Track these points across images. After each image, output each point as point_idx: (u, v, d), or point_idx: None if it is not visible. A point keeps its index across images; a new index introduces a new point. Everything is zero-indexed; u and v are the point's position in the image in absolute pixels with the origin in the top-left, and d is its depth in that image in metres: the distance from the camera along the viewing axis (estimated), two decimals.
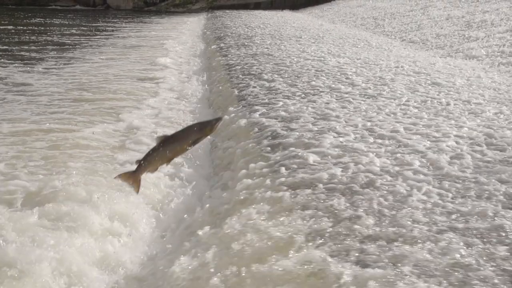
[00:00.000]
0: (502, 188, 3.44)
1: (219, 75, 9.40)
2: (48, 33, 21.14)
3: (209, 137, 3.17)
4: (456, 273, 2.44)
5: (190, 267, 3.02)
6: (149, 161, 2.88)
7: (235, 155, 4.94)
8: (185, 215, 4.15)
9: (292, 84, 7.28)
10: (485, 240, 2.75)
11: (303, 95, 6.51)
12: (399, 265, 2.53)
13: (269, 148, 4.57)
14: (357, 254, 2.67)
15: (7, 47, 15.39)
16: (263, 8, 42.54)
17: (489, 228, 2.88)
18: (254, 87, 7.24)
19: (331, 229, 2.95)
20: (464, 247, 2.65)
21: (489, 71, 8.93)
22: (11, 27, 24.01)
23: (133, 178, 2.94)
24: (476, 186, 3.50)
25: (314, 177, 3.75)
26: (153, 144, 2.90)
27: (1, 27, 23.64)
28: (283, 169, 3.97)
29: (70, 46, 16.26)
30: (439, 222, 2.95)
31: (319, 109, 5.69)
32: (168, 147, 2.81)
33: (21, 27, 23.98)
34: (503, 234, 2.80)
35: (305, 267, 2.63)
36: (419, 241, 2.74)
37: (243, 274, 2.74)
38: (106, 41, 18.21)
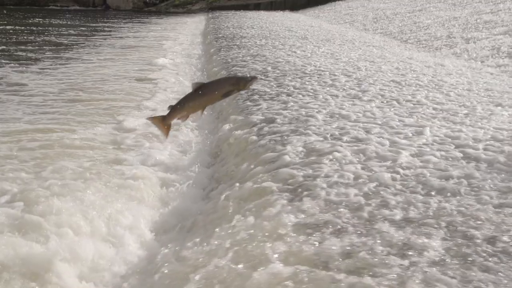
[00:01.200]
0: None
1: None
2: (46, 33, 21.08)
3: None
4: None
5: None
6: (181, 107, 2.90)
7: None
8: None
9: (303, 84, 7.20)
10: None
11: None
12: None
13: None
14: None
15: (4, 47, 15.32)
16: (263, 8, 42.55)
17: None
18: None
19: None
20: None
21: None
22: (10, 27, 23.96)
23: (163, 122, 2.95)
24: None
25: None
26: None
27: (0, 27, 23.58)
28: None
29: (68, 46, 16.19)
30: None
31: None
32: (201, 94, 2.85)
33: (20, 27, 23.93)
34: None
35: None
36: None
37: None
38: (104, 42, 18.13)
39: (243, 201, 3.60)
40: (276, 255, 2.63)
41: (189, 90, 3.05)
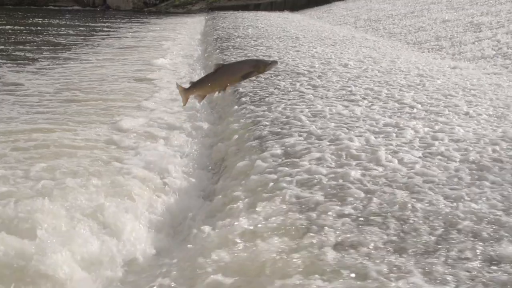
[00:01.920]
0: None
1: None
2: (45, 33, 21.05)
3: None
4: None
5: None
6: (200, 85, 3.05)
7: None
8: None
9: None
10: None
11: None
12: None
13: None
14: None
15: (2, 47, 15.30)
16: (263, 9, 42.49)
17: None
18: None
19: None
20: None
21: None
22: (9, 27, 23.93)
23: (184, 92, 3.16)
24: None
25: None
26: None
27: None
28: None
29: (66, 46, 16.14)
30: None
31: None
32: (221, 75, 2.97)
33: (19, 27, 23.90)
34: None
35: None
36: None
37: None
38: (103, 42, 18.10)
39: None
40: None
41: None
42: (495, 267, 2.39)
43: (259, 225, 2.99)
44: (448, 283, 2.28)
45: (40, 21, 28.76)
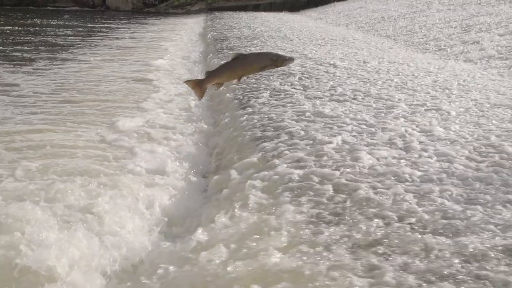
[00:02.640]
0: None
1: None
2: (43, 34, 21.00)
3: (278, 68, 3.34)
4: None
5: None
6: (217, 74, 3.05)
7: None
8: None
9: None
10: None
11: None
12: None
13: None
14: None
15: (0, 48, 15.24)
16: (262, 9, 42.48)
17: None
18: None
19: None
20: None
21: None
22: (8, 27, 23.88)
23: (199, 85, 3.09)
24: None
25: None
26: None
27: None
28: None
29: (64, 47, 16.09)
30: None
31: None
32: (238, 64, 2.98)
33: (17, 28, 23.87)
34: None
35: None
36: None
37: None
38: (101, 42, 18.05)
39: None
40: None
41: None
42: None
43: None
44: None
45: (38, 22, 28.72)
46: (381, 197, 3.26)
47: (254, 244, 2.86)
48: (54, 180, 4.36)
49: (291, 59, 3.07)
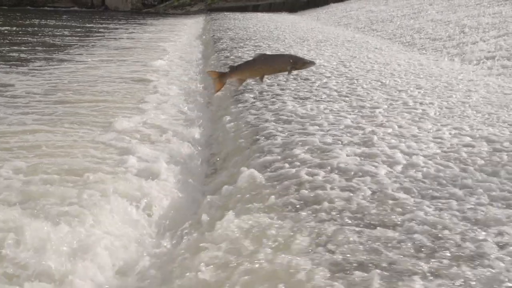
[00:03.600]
0: None
1: None
2: (41, 34, 20.97)
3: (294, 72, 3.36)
4: None
5: None
6: (239, 70, 3.18)
7: None
8: None
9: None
10: None
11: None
12: None
13: None
14: None
15: None
16: (262, 10, 42.45)
17: None
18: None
19: None
20: None
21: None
22: (6, 27, 23.82)
23: (220, 78, 3.19)
24: None
25: None
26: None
27: None
28: None
29: (61, 47, 16.02)
30: None
31: None
32: (260, 64, 3.06)
33: (16, 28, 23.84)
34: None
35: None
36: None
37: None
38: (98, 43, 18.00)
39: None
40: None
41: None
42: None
43: None
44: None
45: (36, 22, 28.70)
46: None
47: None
48: (44, 180, 4.32)
49: (311, 63, 3.13)
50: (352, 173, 3.52)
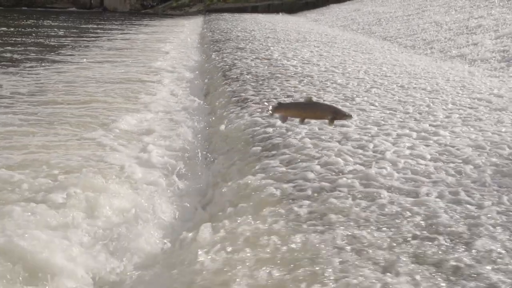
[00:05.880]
0: None
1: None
2: (38, 35, 20.95)
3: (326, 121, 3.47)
4: None
5: None
6: (285, 107, 3.50)
7: None
8: None
9: None
10: None
11: None
12: None
13: None
14: None
15: None
16: (261, 11, 42.36)
17: None
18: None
19: None
20: None
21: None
22: (4, 28, 23.69)
23: (272, 109, 3.44)
24: None
25: None
26: None
27: None
28: None
29: (55, 48, 15.90)
30: None
31: None
32: (304, 107, 3.28)
33: (12, 29, 23.77)
34: None
35: None
36: None
37: None
38: (94, 43, 17.87)
39: None
40: None
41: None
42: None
43: None
44: None
45: (35, 23, 28.63)
46: None
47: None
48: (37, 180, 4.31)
49: (349, 116, 3.32)
50: None
